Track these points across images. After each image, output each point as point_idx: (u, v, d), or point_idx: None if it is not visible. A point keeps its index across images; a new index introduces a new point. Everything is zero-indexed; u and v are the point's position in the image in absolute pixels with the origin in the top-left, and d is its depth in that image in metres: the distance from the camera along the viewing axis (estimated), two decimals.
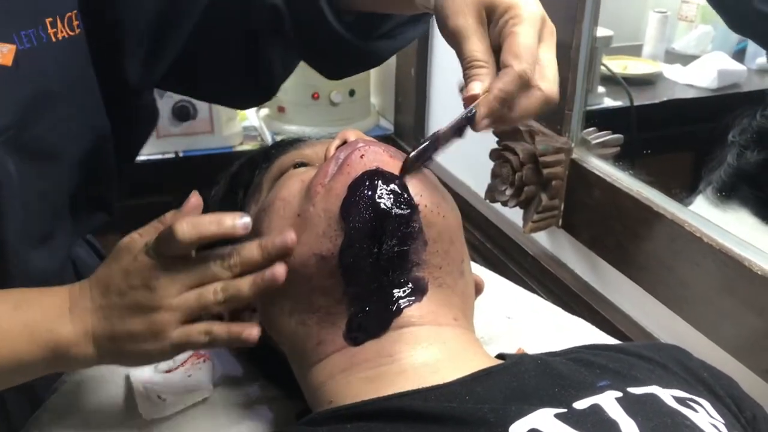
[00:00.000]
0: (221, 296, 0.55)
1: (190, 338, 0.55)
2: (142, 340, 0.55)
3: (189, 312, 0.55)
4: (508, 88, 0.52)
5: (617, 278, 0.98)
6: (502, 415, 0.47)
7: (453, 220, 0.59)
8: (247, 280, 0.55)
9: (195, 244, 0.54)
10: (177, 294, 0.55)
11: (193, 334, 0.55)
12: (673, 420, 0.48)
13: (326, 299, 0.57)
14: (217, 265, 0.55)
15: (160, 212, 0.58)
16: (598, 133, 1.05)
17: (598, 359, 0.57)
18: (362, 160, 0.58)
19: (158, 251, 0.54)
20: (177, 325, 0.55)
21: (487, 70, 0.53)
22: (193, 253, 0.55)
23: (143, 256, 0.55)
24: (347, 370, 0.56)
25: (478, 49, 0.53)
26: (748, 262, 0.78)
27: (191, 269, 0.55)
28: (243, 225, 0.55)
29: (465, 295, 0.61)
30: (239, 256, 0.56)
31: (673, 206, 0.90)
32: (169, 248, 0.54)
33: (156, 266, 0.54)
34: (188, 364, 0.70)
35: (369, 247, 0.55)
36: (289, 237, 0.56)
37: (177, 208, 0.57)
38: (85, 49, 0.65)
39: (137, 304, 0.54)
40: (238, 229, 0.55)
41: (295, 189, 0.60)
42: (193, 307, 0.55)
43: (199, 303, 0.55)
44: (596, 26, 0.99)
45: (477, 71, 0.53)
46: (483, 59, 0.53)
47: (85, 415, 0.66)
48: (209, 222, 0.54)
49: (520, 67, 0.52)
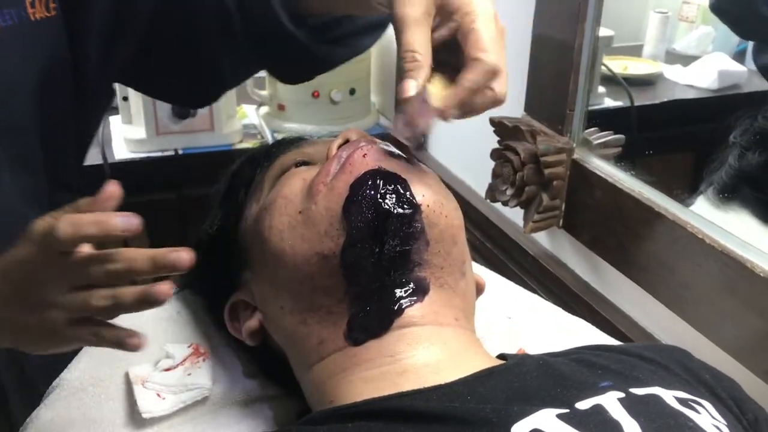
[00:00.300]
0: (104, 303, 0.51)
1: (81, 339, 0.54)
2: (36, 332, 0.53)
3: (78, 313, 0.52)
4: (478, 79, 0.52)
5: (618, 279, 0.98)
6: (504, 416, 0.47)
7: (455, 220, 0.59)
8: (132, 292, 0.51)
9: (76, 243, 0.50)
10: (66, 292, 0.51)
11: (83, 335, 0.53)
12: (676, 421, 0.48)
13: (327, 298, 0.57)
14: (103, 270, 0.50)
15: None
16: (600, 134, 1.05)
17: (599, 360, 0.57)
18: (365, 159, 0.58)
19: (44, 245, 0.50)
20: (67, 324, 0.52)
21: (422, 63, 0.53)
22: (88, 249, 0.51)
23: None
24: (348, 370, 0.56)
25: (417, 40, 0.53)
26: (749, 263, 0.78)
27: (78, 269, 0.51)
28: (128, 226, 0.49)
29: (466, 295, 0.61)
30: (128, 265, 0.50)
31: (675, 207, 0.90)
32: (51, 245, 0.50)
33: (48, 260, 0.51)
34: (188, 362, 0.69)
35: (371, 247, 0.55)
36: (183, 257, 0.50)
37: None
38: (62, 30, 0.67)
39: (27, 298, 0.52)
40: (120, 230, 0.49)
41: (297, 187, 0.60)
42: (80, 309, 0.52)
43: (84, 307, 0.52)
44: (599, 26, 0.99)
45: (411, 65, 0.53)
46: (420, 51, 0.53)
47: (84, 414, 0.66)
48: (90, 222, 0.49)
49: (490, 60, 0.52)
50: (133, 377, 0.67)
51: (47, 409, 0.67)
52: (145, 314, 0.75)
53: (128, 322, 0.76)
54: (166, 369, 0.69)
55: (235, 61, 0.80)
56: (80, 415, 0.66)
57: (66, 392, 0.68)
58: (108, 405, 0.67)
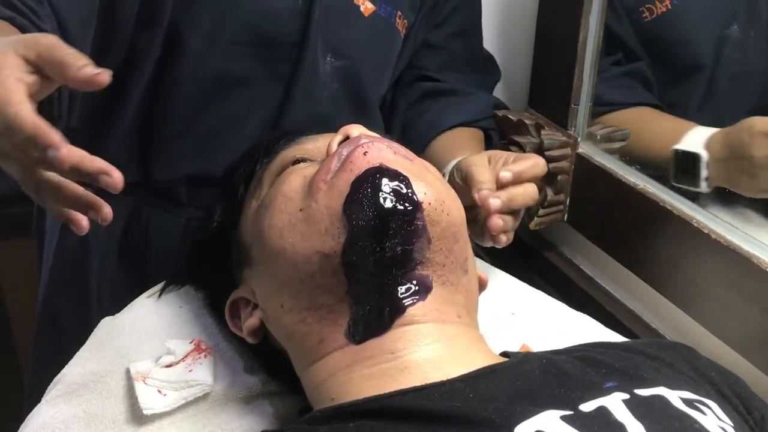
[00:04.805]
0: (51, 180, 0.50)
1: (41, 198, 0.51)
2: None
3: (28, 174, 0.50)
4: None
5: (623, 274, 0.98)
6: (507, 416, 0.46)
7: (457, 218, 0.59)
8: (78, 187, 0.50)
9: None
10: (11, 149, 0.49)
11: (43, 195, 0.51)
12: (681, 423, 0.47)
13: (328, 297, 0.56)
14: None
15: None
16: (605, 128, 1.04)
17: (604, 358, 0.56)
18: (365, 157, 0.57)
19: (20, 140, 0.47)
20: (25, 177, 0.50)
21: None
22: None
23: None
24: (349, 367, 0.55)
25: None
26: (756, 258, 0.77)
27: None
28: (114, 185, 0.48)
29: (469, 292, 0.60)
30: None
31: (680, 202, 0.89)
32: (29, 147, 0.47)
33: (13, 143, 0.48)
34: (189, 358, 0.69)
35: (372, 246, 0.54)
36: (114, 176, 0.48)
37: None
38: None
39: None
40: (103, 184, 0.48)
41: (297, 185, 0.60)
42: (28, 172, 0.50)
43: (31, 173, 0.50)
44: (604, 18, 0.98)
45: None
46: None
47: (85, 410, 0.66)
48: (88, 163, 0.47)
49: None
50: (134, 373, 0.67)
51: (48, 406, 0.66)
52: (147, 310, 0.76)
53: (130, 318, 0.76)
54: (167, 365, 0.68)
55: None
56: (81, 411, 0.66)
57: (67, 388, 0.68)
58: (109, 401, 0.67)
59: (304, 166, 0.63)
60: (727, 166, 0.91)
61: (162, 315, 0.75)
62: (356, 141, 0.59)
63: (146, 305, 0.76)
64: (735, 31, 1.01)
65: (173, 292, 0.77)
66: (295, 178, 0.60)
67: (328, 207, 0.56)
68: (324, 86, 0.88)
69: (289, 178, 0.61)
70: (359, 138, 0.59)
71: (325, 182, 0.57)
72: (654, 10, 1.02)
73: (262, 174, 0.68)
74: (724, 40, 1.01)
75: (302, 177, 0.60)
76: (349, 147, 0.58)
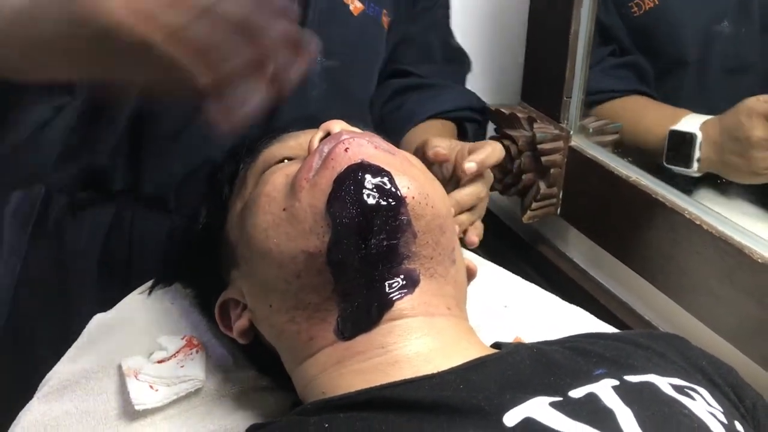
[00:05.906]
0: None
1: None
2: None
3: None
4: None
5: (616, 266, 0.98)
6: (496, 404, 0.46)
7: (442, 209, 0.58)
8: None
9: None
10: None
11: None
12: (670, 408, 0.47)
13: (315, 296, 0.56)
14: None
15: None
16: (597, 121, 1.04)
17: (594, 347, 0.56)
18: (347, 153, 0.56)
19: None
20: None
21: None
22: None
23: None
24: (340, 363, 0.55)
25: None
26: (748, 249, 0.78)
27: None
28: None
29: (457, 282, 0.60)
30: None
31: (673, 193, 0.89)
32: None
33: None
34: (181, 354, 0.69)
35: (357, 243, 0.54)
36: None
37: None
38: None
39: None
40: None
41: (280, 184, 0.59)
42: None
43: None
44: (595, 12, 0.98)
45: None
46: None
47: (77, 406, 0.66)
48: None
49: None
50: (126, 369, 0.67)
51: (40, 402, 0.66)
52: (138, 307, 0.75)
53: (121, 314, 0.75)
54: (159, 361, 0.68)
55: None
56: (73, 407, 0.66)
57: (59, 385, 0.67)
58: (101, 397, 0.66)
59: (287, 164, 0.63)
60: (720, 149, 0.91)
61: (153, 311, 0.75)
62: (337, 137, 0.58)
63: (137, 302, 0.76)
64: (726, 27, 1.01)
65: (163, 289, 0.77)
66: (277, 178, 0.60)
67: (311, 206, 0.55)
68: (314, 86, 0.88)
69: (272, 177, 0.60)
70: (340, 134, 0.59)
71: (307, 180, 0.56)
72: (642, 6, 1.02)
73: (246, 173, 0.68)
74: (714, 36, 1.01)
75: (285, 176, 0.59)
76: (330, 144, 0.58)
